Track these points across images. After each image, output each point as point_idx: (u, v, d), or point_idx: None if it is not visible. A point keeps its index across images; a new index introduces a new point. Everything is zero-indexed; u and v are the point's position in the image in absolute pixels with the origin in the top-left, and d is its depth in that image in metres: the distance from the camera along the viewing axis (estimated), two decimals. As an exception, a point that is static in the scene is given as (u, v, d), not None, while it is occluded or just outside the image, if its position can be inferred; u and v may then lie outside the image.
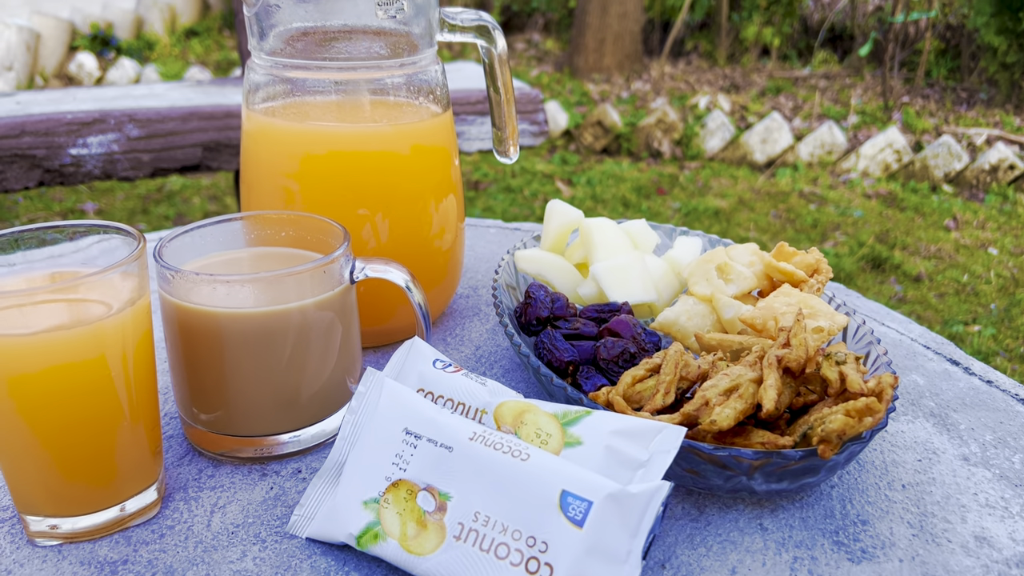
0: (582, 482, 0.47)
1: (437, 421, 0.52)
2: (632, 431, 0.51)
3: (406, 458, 0.51)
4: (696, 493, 0.58)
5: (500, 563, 0.46)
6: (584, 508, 0.46)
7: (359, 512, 0.51)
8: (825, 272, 0.71)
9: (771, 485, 0.54)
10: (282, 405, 0.59)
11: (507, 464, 0.48)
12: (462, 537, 0.48)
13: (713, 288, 0.71)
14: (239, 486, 0.58)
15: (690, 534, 0.54)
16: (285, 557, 0.52)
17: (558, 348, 0.64)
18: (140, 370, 0.52)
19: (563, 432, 0.52)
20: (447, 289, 0.80)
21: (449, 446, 0.50)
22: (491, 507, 0.48)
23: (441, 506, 0.49)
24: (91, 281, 0.48)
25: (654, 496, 0.46)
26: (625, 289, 0.72)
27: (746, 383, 0.55)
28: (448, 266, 0.79)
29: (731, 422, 0.53)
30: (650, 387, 0.59)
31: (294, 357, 0.58)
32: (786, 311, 0.65)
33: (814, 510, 0.57)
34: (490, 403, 0.54)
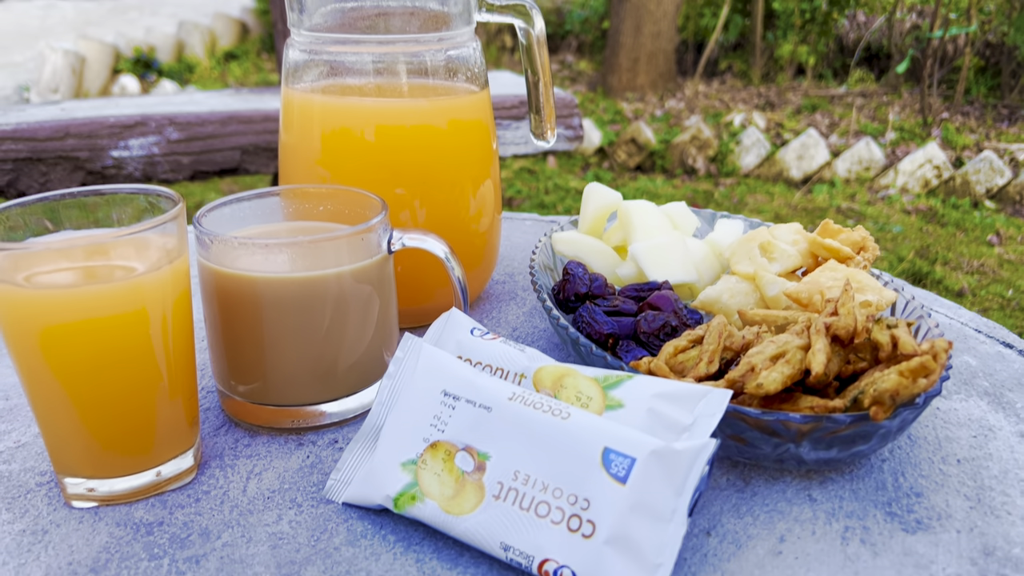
0: (625, 439, 0.46)
1: (475, 383, 0.51)
2: (675, 394, 0.50)
3: (444, 419, 0.50)
4: (741, 464, 0.56)
5: (540, 521, 0.45)
6: (627, 465, 0.45)
7: (397, 474, 0.50)
8: (872, 250, 0.70)
9: (820, 454, 0.52)
10: (319, 375, 0.59)
11: (547, 423, 0.47)
12: (501, 496, 0.46)
13: (756, 266, 0.69)
14: (275, 455, 0.57)
15: (736, 504, 0.53)
16: (321, 520, 0.51)
17: (597, 321, 0.62)
18: (178, 331, 0.52)
19: (604, 395, 0.51)
20: (483, 273, 0.79)
21: (488, 406, 0.49)
22: (531, 466, 0.47)
23: (480, 466, 0.48)
24: (129, 239, 0.48)
25: (700, 453, 0.45)
26: (665, 269, 0.71)
27: (793, 349, 0.53)
28: (485, 249, 0.78)
29: (778, 386, 0.51)
30: (692, 357, 0.58)
31: (331, 326, 0.58)
32: (833, 285, 0.63)
33: (864, 482, 0.55)
34: (529, 367, 0.53)
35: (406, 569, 0.47)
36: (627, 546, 0.43)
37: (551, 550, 0.44)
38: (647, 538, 0.44)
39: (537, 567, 0.44)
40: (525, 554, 0.45)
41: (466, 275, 0.75)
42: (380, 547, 0.49)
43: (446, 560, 0.48)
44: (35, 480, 0.55)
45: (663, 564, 0.43)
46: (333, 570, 0.47)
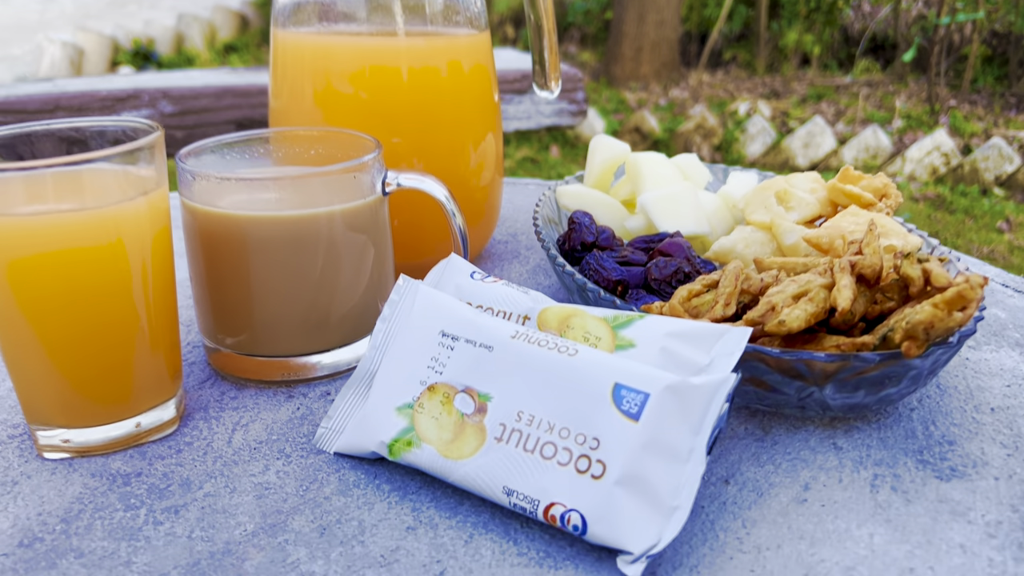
0: (637, 375, 0.42)
1: (476, 322, 0.47)
2: (691, 333, 0.46)
3: (442, 361, 0.46)
4: (760, 413, 0.53)
5: (546, 463, 0.41)
6: (640, 400, 0.41)
7: (392, 419, 0.46)
8: (894, 196, 0.66)
9: (845, 398, 0.49)
10: (311, 325, 0.55)
11: (553, 360, 0.44)
12: (504, 438, 0.43)
13: (772, 215, 0.66)
14: (263, 407, 0.54)
15: (755, 452, 0.49)
16: (311, 470, 0.47)
17: (605, 268, 0.59)
18: (158, 271, 0.48)
19: (613, 335, 0.47)
20: (485, 230, 0.76)
21: (489, 345, 0.46)
22: (536, 406, 0.43)
23: (481, 408, 0.44)
24: (102, 166, 0.45)
25: (719, 388, 0.41)
26: (676, 220, 0.68)
27: (816, 288, 0.50)
28: (486, 205, 0.75)
29: (802, 323, 0.47)
30: (707, 301, 0.54)
31: (323, 271, 0.54)
32: (855, 230, 0.60)
33: (893, 431, 0.51)
34: (533, 309, 0.50)
35: (401, 518, 0.44)
36: (640, 487, 0.40)
37: (558, 493, 0.41)
38: (662, 479, 0.40)
39: (543, 512, 0.41)
40: (530, 498, 0.41)
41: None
42: (374, 496, 0.45)
43: (444, 508, 0.44)
44: (7, 433, 0.51)
45: (680, 507, 0.40)
46: (323, 519, 0.43)
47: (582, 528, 0.40)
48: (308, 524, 0.43)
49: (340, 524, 0.43)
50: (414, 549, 0.41)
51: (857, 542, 0.42)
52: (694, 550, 0.41)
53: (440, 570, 0.40)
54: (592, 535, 0.40)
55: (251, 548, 0.41)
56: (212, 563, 0.40)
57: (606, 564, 0.40)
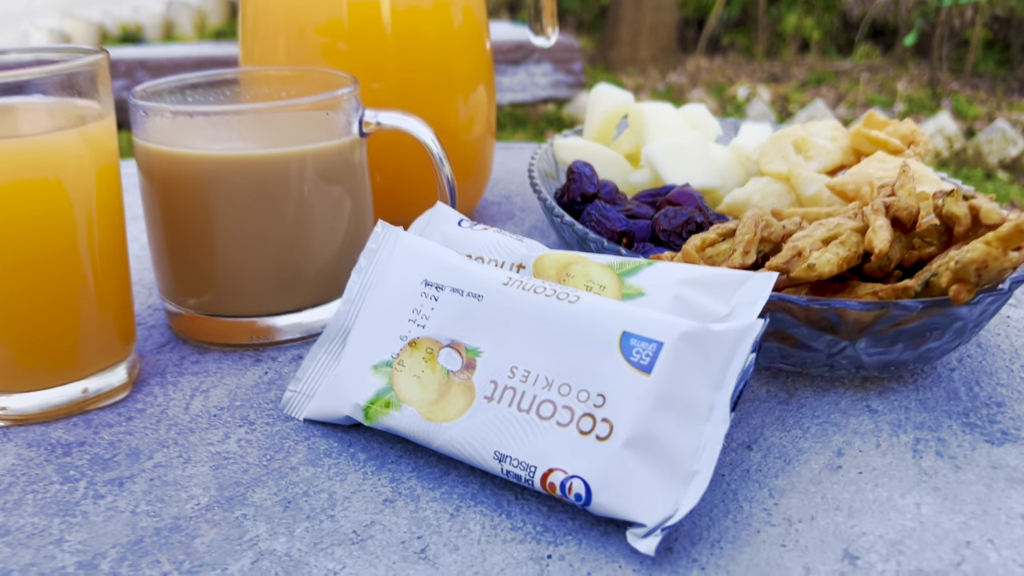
0: (648, 321, 0.37)
1: (463, 269, 0.41)
2: (708, 280, 0.41)
3: (425, 313, 0.41)
4: (784, 374, 0.47)
5: (544, 424, 0.36)
6: (652, 351, 0.36)
7: (368, 379, 0.41)
8: (923, 144, 0.60)
9: (881, 354, 0.43)
10: (281, 281, 0.50)
11: (551, 308, 0.38)
12: (495, 397, 0.37)
13: (790, 164, 0.60)
14: (227, 372, 0.48)
15: (780, 416, 0.43)
16: (277, 439, 0.42)
17: (608, 218, 0.53)
18: (104, 214, 0.43)
19: (620, 283, 0.42)
20: (475, 188, 0.70)
21: (478, 294, 0.40)
22: (532, 360, 0.37)
23: (469, 364, 0.39)
24: (37, 98, 0.39)
25: (744, 336, 0.36)
26: (684, 172, 0.62)
27: (848, 231, 0.44)
28: (477, 161, 0.69)
29: (833, 268, 0.42)
30: (723, 251, 0.48)
31: (294, 220, 0.49)
32: (883, 176, 0.54)
33: (933, 392, 0.45)
34: (528, 256, 0.44)
35: (378, 489, 0.38)
36: (653, 450, 0.34)
37: (557, 458, 0.35)
38: (678, 440, 0.35)
39: (540, 480, 0.35)
40: (525, 464, 0.36)
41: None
42: (347, 466, 0.40)
43: (428, 479, 0.39)
44: (-62, 400, 0.45)
45: (699, 472, 0.34)
46: (288, 492, 0.38)
47: (585, 498, 0.34)
48: (270, 497, 0.38)
49: (307, 497, 0.38)
50: (391, 524, 0.36)
51: (902, 513, 0.36)
52: (715, 522, 0.36)
53: (421, 547, 0.34)
54: (597, 505, 0.34)
55: (203, 524, 0.36)
56: (157, 540, 0.35)
57: (614, 539, 0.35)
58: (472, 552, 0.34)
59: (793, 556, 0.34)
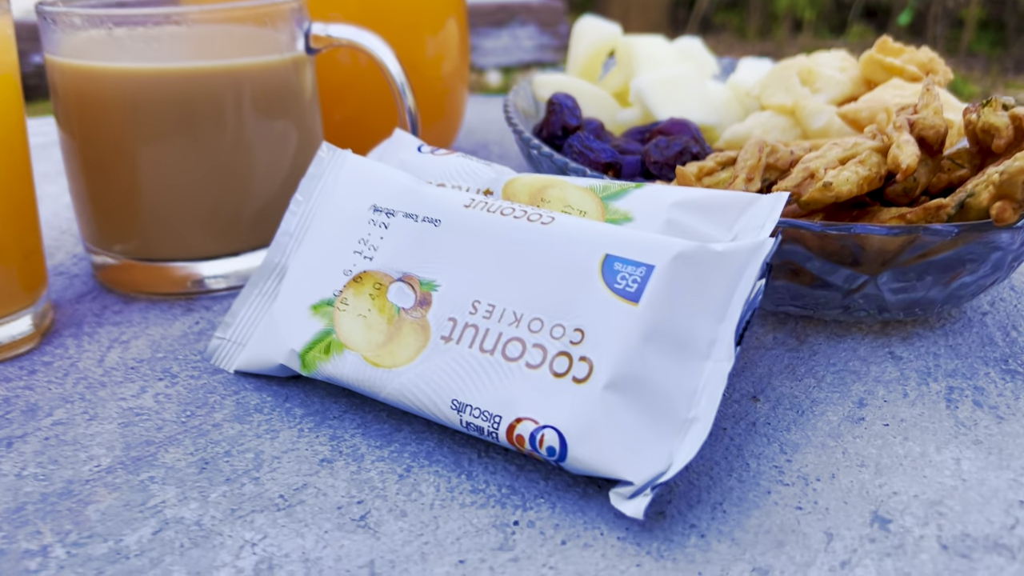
0: (636, 242, 0.30)
1: (418, 191, 0.35)
2: (707, 203, 0.35)
3: (373, 243, 0.35)
4: (792, 320, 0.41)
5: (510, 366, 0.30)
6: (640, 275, 0.29)
7: (306, 320, 0.34)
8: (943, 72, 0.54)
9: (907, 292, 0.37)
10: (216, 222, 0.43)
11: (521, 231, 0.32)
12: (453, 337, 0.31)
13: (796, 96, 0.54)
14: (153, 322, 0.42)
15: (789, 364, 0.37)
16: (202, 393, 0.35)
17: (593, 149, 0.47)
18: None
19: (603, 207, 0.35)
20: (444, 133, 0.64)
21: (435, 219, 0.34)
22: (497, 291, 0.31)
23: (423, 299, 0.32)
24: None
25: (751, 257, 0.30)
26: (678, 108, 0.56)
27: (867, 150, 0.38)
28: (447, 102, 0.62)
29: (852, 189, 0.36)
30: (723, 180, 0.42)
31: (231, 151, 0.42)
32: (902, 103, 0.48)
33: (964, 337, 0.40)
34: (496, 181, 0.38)
35: (314, 448, 0.32)
36: (641, 393, 0.28)
37: (526, 405, 0.29)
38: (672, 381, 0.29)
39: (506, 432, 0.29)
40: (488, 414, 0.30)
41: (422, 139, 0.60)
42: (280, 422, 0.33)
43: (375, 436, 0.33)
44: None
45: (697, 419, 0.28)
46: (206, 451, 0.32)
47: (560, 452, 0.28)
48: (185, 458, 0.31)
49: (229, 457, 0.31)
50: (327, 487, 0.30)
51: (939, 469, 0.30)
52: (717, 482, 0.30)
53: (361, 513, 0.28)
54: (574, 461, 0.28)
55: (100, 488, 0.30)
56: (42, 508, 0.29)
57: (594, 501, 0.29)
58: (422, 519, 0.28)
59: (812, 520, 0.28)
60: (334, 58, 0.54)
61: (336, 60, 0.55)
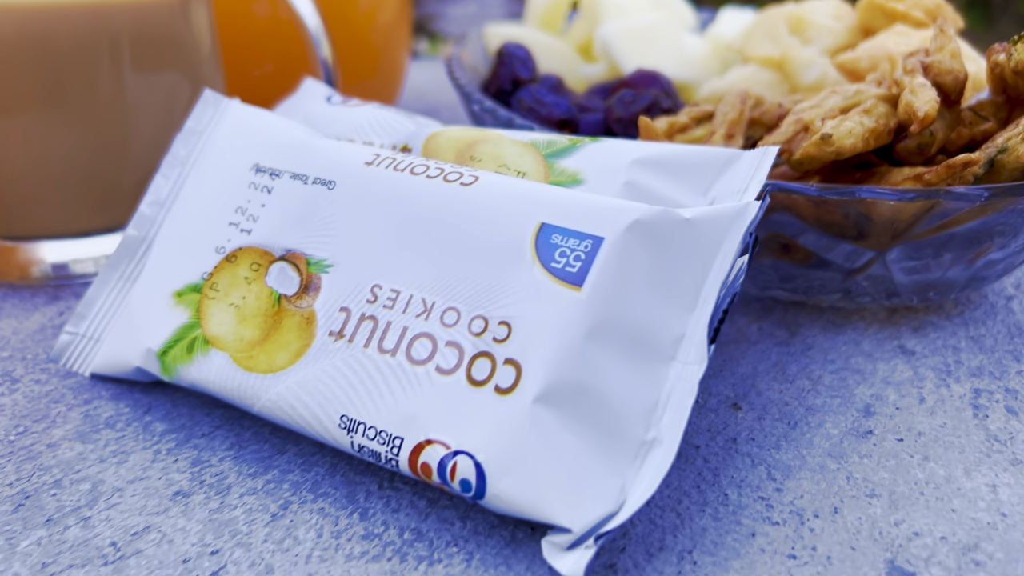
0: (580, 208, 0.23)
1: (309, 146, 0.28)
2: (676, 161, 0.27)
3: (253, 212, 0.27)
4: (782, 307, 0.34)
5: (416, 371, 0.23)
6: (585, 251, 0.22)
7: (167, 311, 0.27)
8: (952, 19, 0.47)
9: (922, 272, 0.30)
10: (90, 191, 0.36)
11: (435, 194, 0.25)
12: (345, 333, 0.24)
13: (784, 47, 0.47)
14: (8, 312, 0.34)
15: (778, 362, 0.30)
16: (44, 403, 0.28)
17: (544, 103, 0.40)
18: None
19: (547, 167, 0.28)
20: (380, 92, 0.56)
21: (328, 180, 0.26)
22: (403, 273, 0.24)
23: (310, 283, 0.25)
24: None
25: (731, 226, 0.23)
26: (648, 60, 0.48)
27: (872, 99, 0.31)
28: (381, 58, 0.55)
29: (857, 142, 0.29)
30: (699, 138, 0.35)
31: (106, 106, 0.35)
32: (906, 51, 0.41)
33: (988, 327, 0.33)
34: (416, 135, 0.31)
35: (170, 477, 0.25)
36: (585, 407, 0.21)
37: (435, 424, 0.22)
38: (626, 391, 0.21)
39: (408, 459, 0.22)
40: (386, 435, 0.22)
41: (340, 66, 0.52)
42: (134, 441, 0.26)
43: (250, 459, 0.25)
44: None
45: (660, 441, 0.21)
46: (30, 481, 0.24)
47: (477, 487, 0.21)
48: (2, 490, 0.24)
49: (59, 489, 0.24)
50: (175, 531, 0.22)
51: (971, 500, 0.23)
52: (686, 521, 0.23)
53: (213, 569, 0.21)
54: (495, 499, 0.21)
55: None
56: None
57: (526, 550, 0.22)
58: (291, 578, 0.21)
59: (809, 573, 0.21)
60: (249, 5, 0.47)
61: (252, 7, 0.47)
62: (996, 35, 4.11)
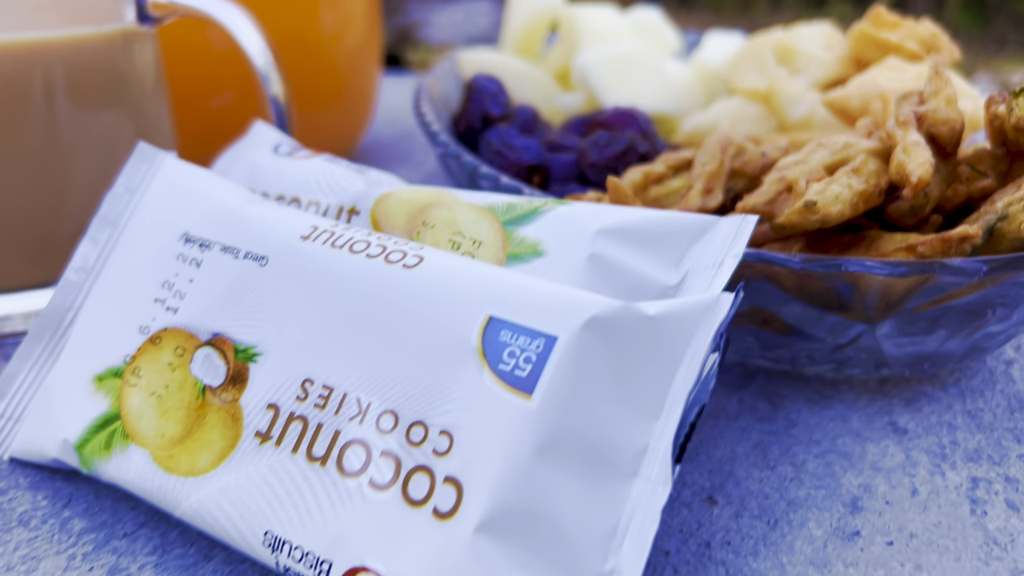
0: (533, 298, 0.21)
1: (243, 215, 0.25)
2: (645, 229, 0.25)
3: (180, 288, 0.25)
4: (764, 374, 0.32)
5: (348, 484, 0.20)
6: (537, 351, 0.20)
7: (86, 397, 0.25)
8: (948, 51, 0.45)
9: (914, 344, 0.28)
10: (25, 243, 0.33)
11: (375, 276, 0.22)
12: (273, 435, 0.21)
13: (771, 79, 0.44)
14: (-69, 377, 0.32)
15: (759, 443, 0.28)
16: (-50, 495, 0.26)
17: (513, 147, 0.37)
18: None
19: (505, 235, 0.26)
20: (349, 121, 0.53)
21: (261, 255, 0.24)
22: (336, 368, 0.22)
23: (237, 374, 0.23)
24: None
25: (700, 323, 0.20)
26: (629, 92, 0.46)
27: (862, 155, 0.29)
28: (349, 83, 0.52)
29: (845, 209, 0.26)
30: (675, 190, 0.33)
31: (41, 150, 0.32)
32: (900, 89, 0.39)
33: (985, 398, 0.30)
34: (366, 195, 0.28)
35: (77, 593, 0.22)
36: (534, 535, 0.19)
37: (366, 549, 0.19)
38: (581, 516, 0.19)
39: (335, 588, 0.20)
40: (313, 558, 0.20)
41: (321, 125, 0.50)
42: (47, 543, 0.24)
43: (172, 568, 0.23)
44: None
45: (617, 572, 0.19)
46: (-82, 600, 0.22)
47: (412, 625, 0.19)
48: None
49: (-49, 609, 0.22)
50: (74, 667, 0.20)
51: (969, 623, 0.21)
52: (649, 656, 0.20)
53: None
54: (431, 641, 0.19)
55: None
56: None
57: None
58: None
59: None
60: (204, 30, 0.44)
61: (207, 35, 0.44)
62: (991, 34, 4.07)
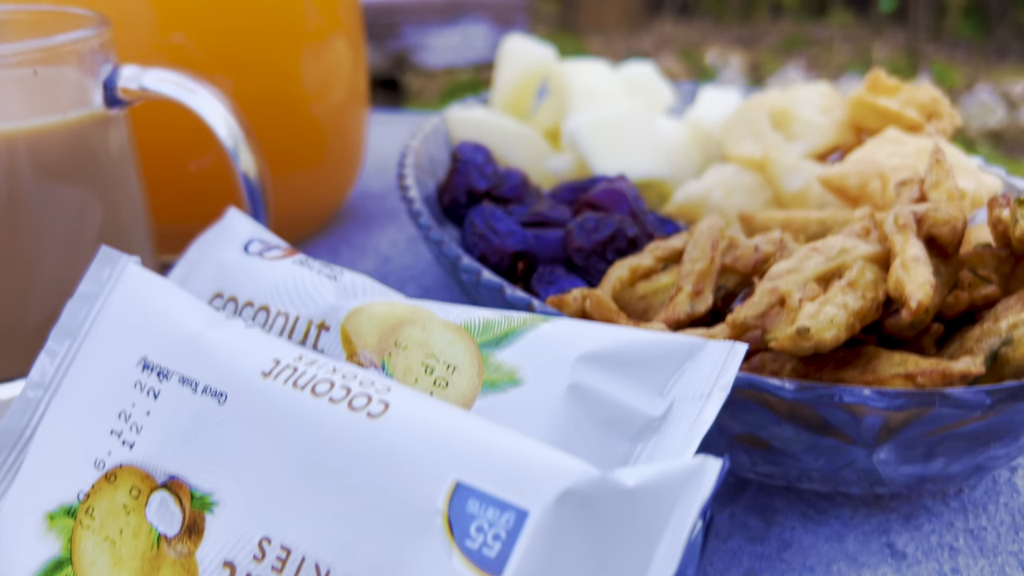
0: (501, 462, 0.19)
1: (204, 343, 0.24)
2: (629, 354, 0.24)
3: (137, 420, 0.23)
4: (756, 488, 0.30)
5: (300, 668, 0.19)
6: (507, 527, 0.18)
7: (37, 538, 0.23)
8: (948, 117, 0.43)
9: (913, 469, 0.26)
10: (-10, 334, 0.32)
11: (336, 426, 0.21)
12: (227, 599, 0.20)
13: (766, 146, 0.43)
14: None
15: (751, 568, 0.27)
16: None
17: (498, 231, 0.36)
18: None
19: (481, 360, 0.24)
20: (334, 180, 0.52)
21: (220, 392, 0.23)
22: (295, 527, 0.20)
23: (193, 524, 0.21)
24: None
25: (683, 492, 0.19)
26: (619, 157, 0.45)
27: (859, 264, 0.27)
28: (336, 142, 0.51)
29: (839, 333, 0.25)
30: (664, 287, 0.31)
31: (4, 237, 0.31)
32: (900, 165, 0.37)
33: (988, 515, 0.29)
34: (336, 309, 0.27)
35: None
36: None
37: None
38: None
39: None
40: None
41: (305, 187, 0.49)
42: None
43: None
44: None
45: None
46: None
47: None
48: None
49: None
50: None
51: None
52: None
53: None
54: None
55: None
56: None
57: None
58: None
59: None
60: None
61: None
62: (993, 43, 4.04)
